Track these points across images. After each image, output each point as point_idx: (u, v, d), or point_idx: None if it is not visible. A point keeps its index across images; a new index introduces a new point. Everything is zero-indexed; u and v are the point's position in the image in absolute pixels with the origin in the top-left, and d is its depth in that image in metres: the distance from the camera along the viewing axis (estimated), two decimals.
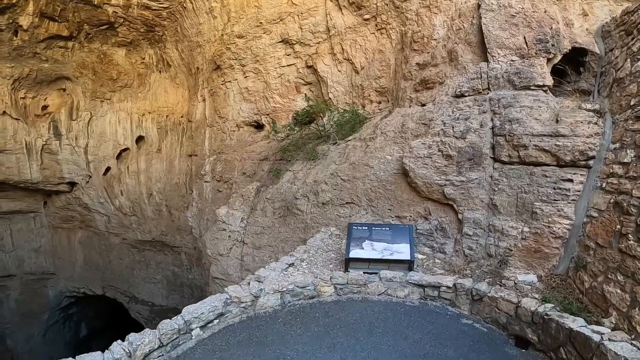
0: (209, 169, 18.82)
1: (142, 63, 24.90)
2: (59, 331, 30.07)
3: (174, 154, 24.66)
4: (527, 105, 9.61)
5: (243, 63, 18.87)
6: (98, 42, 24.20)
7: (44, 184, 26.13)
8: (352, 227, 9.90)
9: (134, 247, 26.67)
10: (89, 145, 25.67)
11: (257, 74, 18.57)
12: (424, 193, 10.65)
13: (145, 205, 25.48)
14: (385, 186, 11.44)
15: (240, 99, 19.46)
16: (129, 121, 25.40)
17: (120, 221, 26.34)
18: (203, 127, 21.74)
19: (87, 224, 27.69)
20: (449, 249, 10.13)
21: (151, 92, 25.20)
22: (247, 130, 19.43)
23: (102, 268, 27.68)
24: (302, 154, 14.49)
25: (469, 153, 10.04)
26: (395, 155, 11.52)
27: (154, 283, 26.10)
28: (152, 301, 26.25)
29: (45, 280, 28.95)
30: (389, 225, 10.18)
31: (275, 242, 13.96)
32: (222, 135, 20.36)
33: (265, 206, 14.43)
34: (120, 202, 25.85)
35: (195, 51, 22.04)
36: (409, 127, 11.57)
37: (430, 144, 10.58)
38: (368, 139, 12.57)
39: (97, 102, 25.36)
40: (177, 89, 24.86)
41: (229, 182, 17.48)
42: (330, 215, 12.51)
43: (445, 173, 10.27)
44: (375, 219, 11.47)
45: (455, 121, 10.44)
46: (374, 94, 14.67)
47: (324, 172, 13.06)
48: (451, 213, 10.35)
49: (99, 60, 24.45)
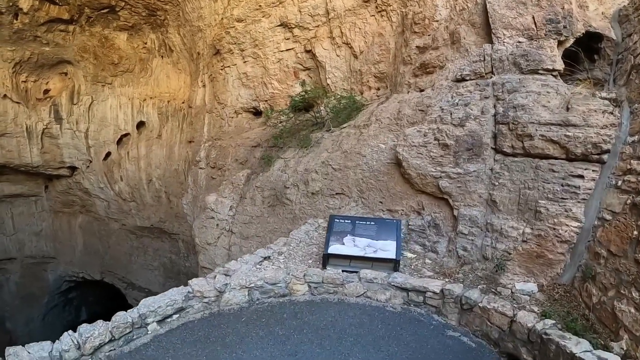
0: (203, 155, 17.76)
1: (144, 48, 23.80)
2: (58, 315, 29.26)
3: (174, 140, 23.61)
4: (534, 91, 8.38)
5: (242, 48, 17.76)
6: (99, 26, 23.14)
7: (45, 167, 25.22)
8: (333, 220, 8.74)
9: (132, 233, 25.72)
10: (89, 129, 24.69)
11: (256, 59, 17.44)
12: (417, 185, 9.47)
13: (145, 191, 24.48)
14: (377, 177, 10.27)
15: (239, 84, 18.35)
16: (130, 106, 24.36)
17: (119, 207, 25.39)
18: (202, 113, 20.64)
19: (87, 209, 26.78)
20: (441, 249, 8.96)
21: (153, 77, 24.13)
22: (245, 117, 18.30)
23: (101, 253, 26.77)
24: (295, 141, 13.36)
25: (467, 142, 8.85)
26: (389, 143, 10.34)
27: (151, 270, 25.13)
28: (148, 288, 25.26)
29: (45, 264, 28.13)
30: (375, 220, 8.99)
31: (264, 233, 12.87)
32: (220, 121, 19.26)
33: (254, 195, 13.34)
34: (119, 187, 24.88)
35: (197, 36, 20.97)
36: (405, 114, 10.38)
37: (426, 131, 9.40)
38: (362, 126, 11.40)
39: (99, 86, 24.33)
40: (179, 75, 23.77)
41: (222, 168, 16.40)
42: (319, 206, 11.38)
43: (441, 164, 9.08)
44: (365, 211, 10.31)
45: (453, 107, 9.24)
46: (373, 80, 13.46)
47: (316, 160, 11.92)
48: (446, 208, 9.17)
49: (101, 44, 23.39)
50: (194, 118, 21.55)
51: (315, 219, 11.14)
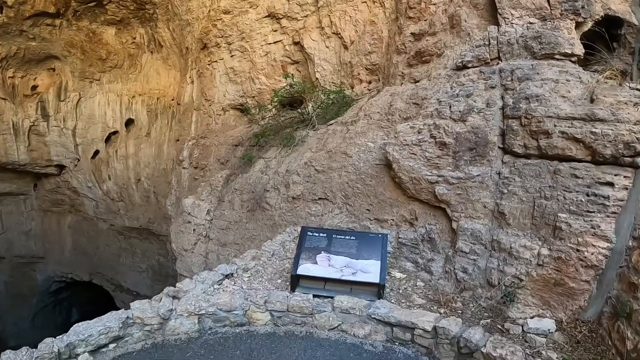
0: (186, 155, 16.08)
1: (133, 43, 22.15)
2: (48, 316, 27.63)
3: (163, 139, 21.95)
4: (550, 78, 6.69)
5: (229, 41, 16.13)
6: (87, 20, 21.49)
7: (32, 166, 23.59)
8: (305, 232, 6.99)
9: (120, 234, 24.06)
10: (77, 127, 23.01)
11: (243, 53, 15.79)
12: (410, 191, 7.77)
13: (133, 191, 22.82)
14: (364, 180, 8.58)
15: (226, 80, 16.70)
16: (118, 103, 22.67)
17: (108, 206, 23.73)
18: (190, 110, 18.97)
19: (76, 208, 25.12)
20: (436, 268, 7.26)
21: (142, 73, 22.47)
22: (232, 114, 16.62)
23: (90, 254, 25.11)
24: (278, 139, 11.67)
25: (470, 141, 7.16)
26: (378, 142, 8.66)
27: (139, 272, 23.45)
28: (136, 290, 23.61)
29: (34, 264, 26.49)
30: (355, 234, 7.19)
31: (242, 240, 11.20)
32: (208, 119, 17.59)
33: (233, 198, 11.66)
34: (108, 186, 23.22)
35: (185, 30, 19.30)
36: (397, 108, 8.69)
37: (420, 127, 7.70)
38: (350, 123, 9.72)
39: (86, 82, 22.67)
40: (169, 71, 22.12)
41: (204, 169, 14.72)
42: (300, 213, 9.71)
43: (438, 166, 7.39)
44: (350, 220, 8.63)
45: (453, 99, 7.55)
46: (364, 72, 11.76)
47: (298, 161, 10.25)
48: (443, 220, 7.49)
49: (88, 39, 21.74)
50: (182, 116, 19.88)
51: (295, 226, 9.47)
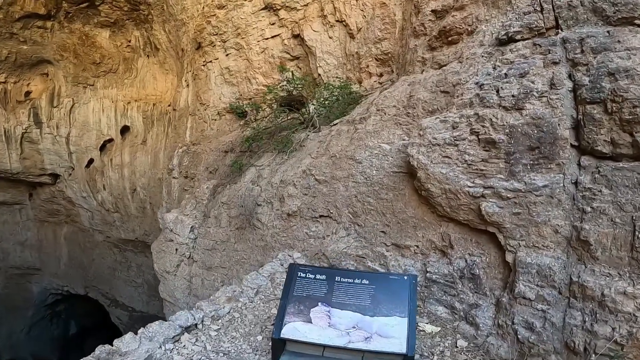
0: (176, 163, 13.74)
1: (128, 46, 19.90)
2: (45, 328, 25.29)
3: (160, 147, 19.60)
4: (638, 47, 4.30)
5: (224, 38, 13.84)
6: (79, 22, 19.28)
7: (25, 174, 21.38)
8: (294, 273, 4.43)
9: (116, 247, 21.71)
10: (71, 134, 20.76)
11: (239, 50, 13.48)
12: (442, 208, 5.34)
13: (129, 201, 20.47)
14: (378, 193, 6.16)
15: (221, 81, 14.39)
16: (113, 110, 20.40)
17: (103, 218, 21.41)
18: (185, 115, 16.63)
19: (72, 219, 22.85)
20: (484, 319, 4.81)
21: (138, 78, 20.20)
22: (228, 119, 14.24)
23: (85, 266, 22.77)
24: (273, 143, 9.26)
25: (530, 136, 4.74)
26: (396, 143, 6.25)
27: (135, 287, 21.04)
28: (132, 306, 21.29)
29: (29, 276, 24.21)
30: (369, 276, 4.56)
31: (230, 264, 8.82)
32: (203, 124, 15.25)
33: (220, 213, 9.28)
34: (102, 197, 20.89)
35: (181, 31, 16.99)
36: (419, 99, 6.27)
37: (455, 121, 5.28)
38: (358, 121, 7.30)
39: (80, 88, 20.44)
40: (166, 76, 19.85)
41: (194, 178, 12.35)
42: (297, 233, 7.30)
43: (484, 174, 4.96)
44: (359, 245, 6.20)
45: (500, 81, 5.13)
46: (374, 64, 9.39)
47: (295, 169, 7.86)
48: (492, 249, 5.04)
49: (81, 42, 19.53)
50: (178, 122, 17.51)
51: (290, 250, 7.10)
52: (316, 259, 6.59)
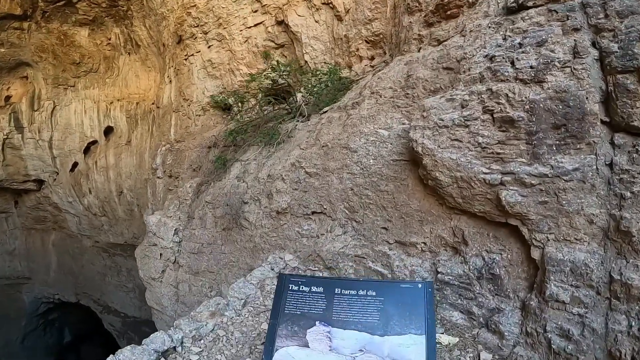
0: (159, 162, 12.89)
1: (108, 44, 18.96)
2: (39, 338, 24.34)
3: (145, 146, 18.69)
4: None
5: (205, 30, 12.99)
6: (57, 22, 18.28)
7: (9, 182, 20.39)
8: (285, 284, 3.60)
9: (105, 252, 20.79)
10: (53, 138, 19.76)
11: (221, 41, 12.64)
12: (453, 199, 4.56)
13: (116, 204, 19.55)
14: (377, 185, 5.38)
15: (204, 75, 13.55)
16: (95, 110, 19.43)
17: (90, 222, 20.48)
18: (169, 112, 15.76)
19: (59, 225, 21.86)
20: (509, 326, 4.04)
21: (120, 77, 19.26)
22: (213, 114, 13.39)
23: (75, 273, 21.81)
24: (258, 136, 8.45)
25: (554, 113, 3.98)
26: (395, 127, 5.46)
27: (126, 292, 20.13)
28: (124, 312, 20.39)
29: (20, 285, 23.21)
30: (376, 285, 3.70)
31: (217, 267, 8.02)
32: (187, 121, 14.39)
33: (205, 213, 8.47)
34: (89, 201, 19.96)
35: (162, 25, 16.08)
36: (419, 78, 5.49)
37: (464, 99, 4.50)
38: (350, 106, 6.51)
39: (60, 89, 19.44)
40: (148, 73, 18.91)
41: (178, 177, 11.51)
42: (288, 232, 6.51)
43: (502, 158, 4.19)
44: (358, 244, 5.43)
45: (515, 51, 4.36)
46: (364, 47, 8.59)
47: (283, 162, 7.07)
48: (513, 244, 4.28)
49: (59, 42, 18.56)
50: (161, 120, 16.62)
51: (282, 251, 6.32)
52: (310, 260, 5.81)
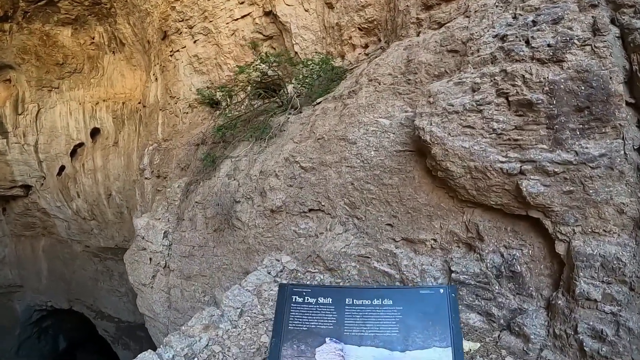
0: (147, 162, 12.38)
1: (92, 43, 18.34)
2: (33, 347, 23.68)
3: (132, 147, 18.13)
4: None
5: (190, 24, 12.50)
6: (39, 22, 17.64)
7: None
8: (287, 295, 3.12)
9: (95, 256, 20.22)
10: (39, 142, 19.13)
11: (207, 35, 12.16)
12: (465, 192, 4.13)
13: (105, 207, 18.99)
14: (380, 178, 4.94)
15: (190, 70, 13.07)
16: (81, 112, 18.82)
17: (80, 226, 19.91)
18: (156, 111, 15.24)
19: (49, 231, 21.24)
20: (534, 328, 3.63)
21: (105, 76, 18.67)
22: (201, 110, 12.90)
23: (67, 279, 21.24)
24: (249, 131, 7.97)
25: (576, 94, 3.57)
26: (397, 116, 5.03)
27: (119, 296, 19.59)
28: (118, 317, 19.86)
29: (11, 294, 22.54)
30: (393, 292, 3.20)
31: (210, 271, 7.56)
32: (174, 119, 13.88)
33: (194, 214, 8.00)
34: (77, 205, 19.38)
35: (146, 22, 15.53)
36: (421, 62, 5.05)
37: (475, 82, 4.07)
38: (347, 95, 6.06)
39: (45, 92, 18.81)
40: (134, 72, 18.34)
41: (166, 177, 11.02)
42: (284, 232, 6.07)
43: (520, 145, 3.77)
44: (361, 242, 5.00)
45: (529, 29, 3.95)
46: (357, 34, 8.14)
47: (276, 157, 6.61)
48: (535, 238, 3.88)
49: (42, 43, 17.94)
50: (148, 119, 16.09)
51: (278, 253, 5.87)
52: (309, 262, 5.38)
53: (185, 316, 7.89)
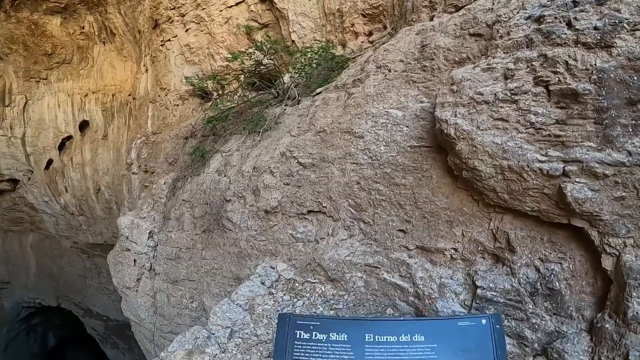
0: (134, 156, 11.71)
1: (81, 33, 17.53)
2: (22, 344, 22.96)
3: (121, 140, 17.38)
4: None
5: (182, 12, 11.79)
6: (27, 10, 16.85)
7: None
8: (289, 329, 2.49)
9: (84, 252, 19.48)
10: (26, 134, 18.32)
11: (200, 24, 11.47)
12: (495, 195, 3.49)
13: (94, 202, 18.24)
14: (391, 177, 4.31)
15: (182, 61, 12.37)
16: (70, 104, 18.05)
17: (68, 222, 19.14)
18: (146, 103, 14.54)
19: (37, 226, 20.46)
20: (576, 355, 3.01)
21: (95, 68, 17.89)
22: (192, 103, 12.19)
23: (55, 276, 20.48)
24: (241, 123, 7.30)
25: (628, 85, 2.96)
26: (411, 106, 4.39)
27: (107, 294, 18.83)
28: (106, 315, 19.16)
29: None
30: (421, 326, 2.54)
31: (198, 275, 6.91)
32: (165, 112, 13.18)
33: (181, 213, 7.34)
34: (65, 200, 18.61)
35: (137, 10, 14.80)
36: (438, 47, 4.42)
37: (508, 67, 3.45)
38: (351, 84, 5.41)
39: (32, 83, 18.02)
40: (125, 63, 17.58)
41: (154, 172, 10.33)
42: (279, 236, 5.42)
43: (563, 142, 3.15)
44: (368, 250, 4.37)
45: (570, 10, 3.34)
46: (361, 21, 7.48)
47: (271, 151, 5.96)
48: (575, 250, 3.26)
49: (30, 32, 17.14)
50: (138, 111, 15.36)
51: (273, 259, 5.25)
52: (309, 270, 4.76)
53: (172, 323, 7.27)
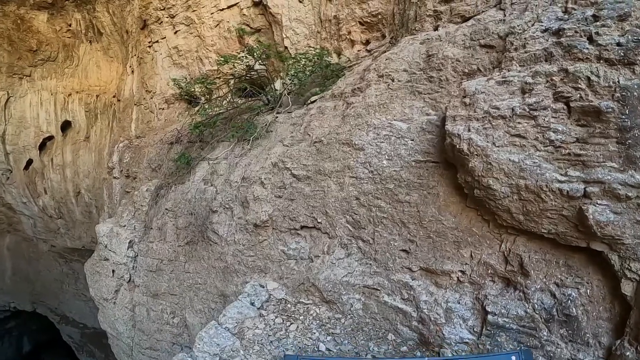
0: (116, 160, 11.25)
1: (68, 31, 17.07)
2: None
3: (104, 143, 16.88)
4: None
5: (172, 13, 11.50)
6: (13, 4, 16.33)
7: None
8: None
9: (61, 257, 18.85)
10: (6, 132, 17.69)
11: (190, 26, 11.19)
12: (509, 216, 3.25)
13: (73, 205, 17.67)
14: (393, 193, 4.05)
15: (169, 63, 12.05)
16: (52, 103, 17.52)
17: (46, 225, 18.53)
18: (130, 106, 14.15)
19: (14, 228, 19.77)
20: None
21: (80, 67, 17.42)
22: (178, 107, 11.84)
23: (31, 280, 19.79)
24: (230, 130, 6.97)
25: None
26: (417, 119, 4.15)
27: (85, 301, 18.16)
28: (83, 322, 18.56)
29: None
30: None
31: (180, 289, 6.56)
32: (149, 115, 12.81)
33: (164, 223, 6.97)
34: (44, 201, 18.01)
35: (126, 10, 14.42)
36: (447, 58, 4.18)
37: (526, 81, 3.23)
38: (350, 93, 5.15)
39: (15, 79, 17.47)
40: (111, 63, 17.16)
41: (136, 178, 9.93)
42: (270, 252, 5.11)
43: (583, 161, 2.93)
44: (367, 270, 4.10)
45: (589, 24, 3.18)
46: (358, 29, 7.25)
47: (262, 161, 5.66)
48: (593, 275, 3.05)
49: (16, 27, 16.66)
50: (122, 114, 14.93)
51: (262, 277, 4.93)
52: (302, 291, 4.46)
53: (152, 339, 6.89)
